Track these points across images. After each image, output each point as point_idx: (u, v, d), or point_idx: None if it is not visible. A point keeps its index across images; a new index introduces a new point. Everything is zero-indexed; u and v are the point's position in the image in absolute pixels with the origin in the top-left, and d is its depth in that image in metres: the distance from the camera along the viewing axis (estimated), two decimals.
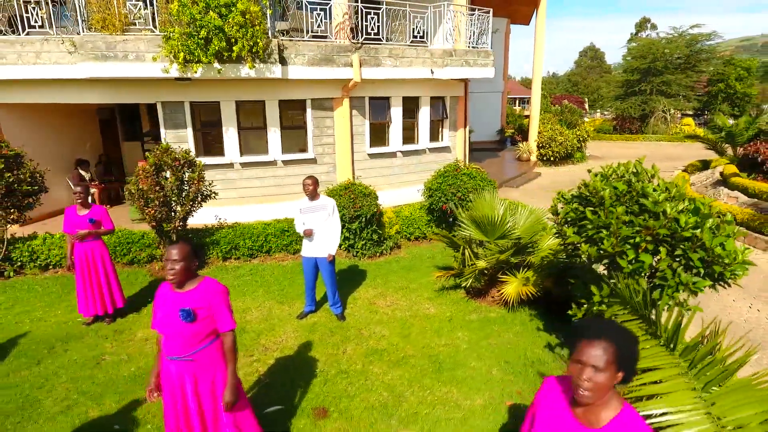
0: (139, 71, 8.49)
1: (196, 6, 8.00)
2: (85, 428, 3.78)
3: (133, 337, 5.32)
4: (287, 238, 7.99)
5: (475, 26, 11.57)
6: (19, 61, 8.59)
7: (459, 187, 8.02)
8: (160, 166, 6.81)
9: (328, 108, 10.53)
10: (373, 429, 3.69)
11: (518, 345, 4.94)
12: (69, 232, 5.44)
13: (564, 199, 4.13)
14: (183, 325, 2.68)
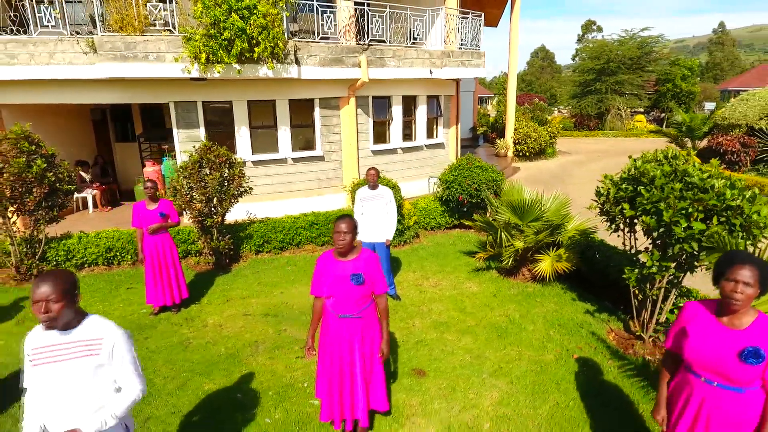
0: (159, 71, 8.63)
1: (219, 8, 8.24)
2: (210, 399, 4.12)
3: (205, 323, 5.61)
4: (315, 230, 8.38)
5: (468, 28, 12.29)
6: (32, 61, 8.53)
7: (474, 179, 8.66)
8: (201, 163, 7.05)
9: (335, 107, 10.94)
10: (469, 382, 4.25)
11: (562, 312, 5.62)
12: (139, 226, 5.66)
13: (612, 181, 4.82)
14: (353, 287, 3.14)
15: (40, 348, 2.20)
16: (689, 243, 4.04)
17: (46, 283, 2.11)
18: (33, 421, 2.23)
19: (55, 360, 2.18)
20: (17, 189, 6.51)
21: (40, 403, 2.22)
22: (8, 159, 6.40)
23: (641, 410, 3.82)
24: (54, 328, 2.16)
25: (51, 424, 2.22)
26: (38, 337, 2.22)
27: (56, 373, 2.17)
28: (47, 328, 2.17)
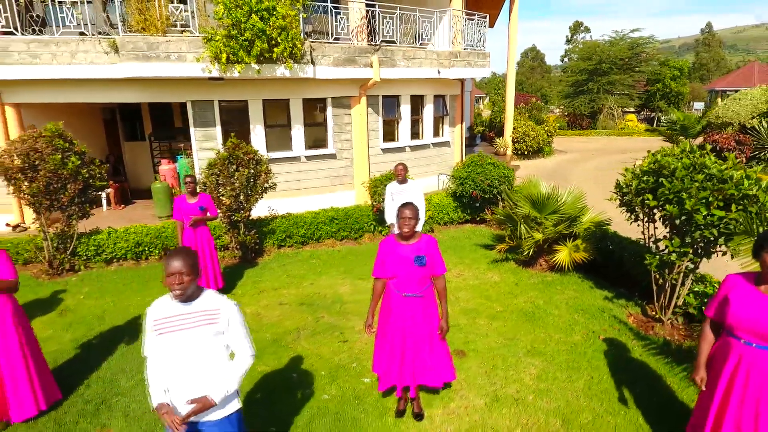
0: (180, 71, 8.83)
1: (240, 10, 8.47)
2: (265, 380, 4.38)
3: (244, 312, 5.85)
4: (335, 225, 8.64)
5: (474, 30, 12.63)
6: (54, 61, 8.68)
7: (486, 176, 8.99)
8: (230, 159, 7.28)
9: (347, 106, 11.21)
10: (507, 361, 4.56)
11: (582, 299, 5.97)
12: (179, 219, 5.89)
13: (634, 174, 5.16)
14: (416, 268, 3.43)
15: (166, 318, 2.45)
16: (709, 229, 4.39)
17: (178, 259, 2.37)
18: (158, 385, 2.49)
19: (180, 328, 2.44)
20: (53, 185, 6.69)
21: (164, 369, 2.48)
22: (44, 156, 6.58)
23: (669, 382, 4.16)
24: (183, 298, 2.43)
25: (175, 387, 2.48)
26: (163, 309, 2.48)
27: (181, 340, 2.43)
28: (177, 298, 2.43)
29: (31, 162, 6.54)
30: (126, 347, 5.06)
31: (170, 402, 2.47)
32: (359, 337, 5.14)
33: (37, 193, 6.63)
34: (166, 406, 2.42)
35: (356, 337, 5.16)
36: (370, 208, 9.15)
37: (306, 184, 11.07)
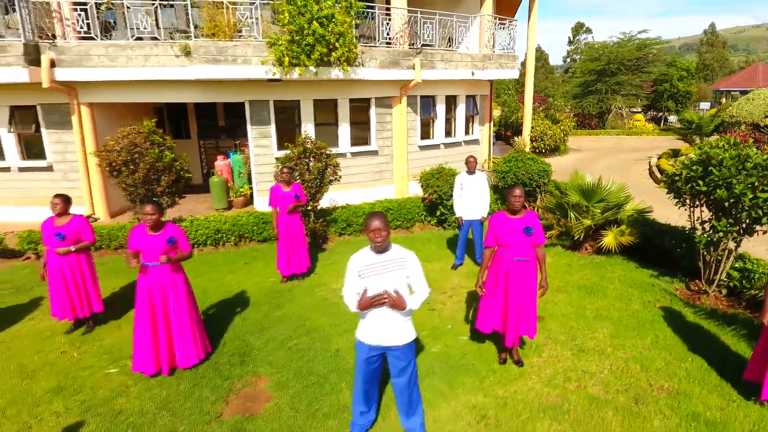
0: (246, 73, 9.57)
1: (303, 17, 9.21)
2: None
3: (332, 288, 6.62)
4: (390, 215, 9.39)
5: (505, 33, 13.39)
6: (129, 63, 9.42)
7: (527, 170, 9.73)
8: (305, 153, 8.02)
9: (388, 105, 11.95)
10: (580, 323, 5.31)
11: (631, 276, 6.72)
12: (275, 206, 6.63)
13: (684, 164, 5.91)
14: (525, 237, 4.18)
15: (368, 265, 3.21)
16: (755, 210, 5.14)
17: (378, 219, 3.13)
18: (354, 298, 3.22)
19: (379, 273, 3.19)
20: (150, 176, 7.43)
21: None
22: (143, 150, 7.32)
23: (722, 339, 4.91)
24: (381, 249, 3.18)
25: (373, 317, 3.23)
26: (364, 259, 3.23)
27: (379, 282, 3.18)
28: (376, 249, 3.18)
29: (132, 156, 7.28)
30: (241, 315, 5.81)
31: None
32: (443, 307, 5.89)
33: (137, 184, 7.37)
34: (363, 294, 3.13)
35: (440, 306, 5.92)
36: (419, 200, 9.89)
37: (350, 178, 11.79)
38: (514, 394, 4.10)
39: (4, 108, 10.08)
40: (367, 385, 3.46)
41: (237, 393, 4.30)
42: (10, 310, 6.14)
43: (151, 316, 4.41)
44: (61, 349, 5.16)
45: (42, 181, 10.41)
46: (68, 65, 9.23)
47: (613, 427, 3.66)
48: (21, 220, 10.17)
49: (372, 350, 3.31)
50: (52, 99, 9.81)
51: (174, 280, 4.48)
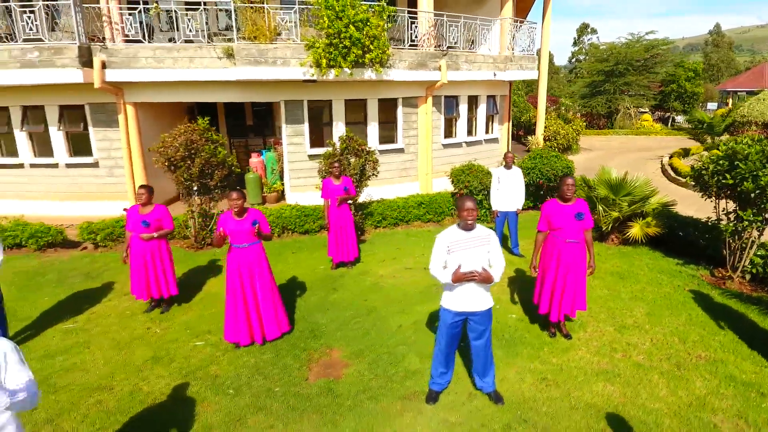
0: (285, 74, 10.09)
1: (340, 21, 9.72)
2: (433, 316, 5.63)
3: (380, 275, 7.12)
4: (422, 209, 9.90)
5: (526, 35, 13.88)
6: (175, 65, 9.94)
7: (552, 166, 10.22)
8: (347, 150, 8.53)
9: (414, 105, 12.45)
10: (617, 303, 5.81)
11: (659, 264, 7.20)
12: (327, 198, 7.14)
13: (710, 159, 6.40)
14: (576, 222, 4.68)
15: (456, 241, 3.70)
16: None
17: (470, 200, 3.63)
18: (442, 271, 3.72)
19: (466, 248, 3.69)
20: (205, 171, 7.95)
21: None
22: (199, 146, 7.84)
23: (750, 317, 5.40)
24: (471, 227, 3.68)
25: (461, 288, 3.72)
26: (453, 235, 3.73)
27: (466, 256, 3.68)
28: (467, 228, 3.68)
29: (189, 152, 7.79)
30: (302, 298, 6.32)
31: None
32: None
33: (193, 178, 7.89)
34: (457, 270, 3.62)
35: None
36: (449, 195, 10.39)
37: (379, 175, 12.28)
38: (567, 362, 4.59)
39: (54, 107, 10.61)
40: (449, 348, 3.95)
41: (316, 362, 4.80)
42: (86, 294, 6.66)
43: (241, 293, 4.92)
44: (146, 325, 5.67)
45: (88, 176, 10.95)
46: (117, 66, 9.76)
47: (660, 387, 4.15)
48: (67, 214, 10.70)
49: (456, 316, 3.81)
50: (99, 99, 10.34)
51: (260, 260, 4.99)
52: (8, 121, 10.78)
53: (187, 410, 4.06)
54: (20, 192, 11.08)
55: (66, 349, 5.15)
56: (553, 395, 4.08)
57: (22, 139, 10.81)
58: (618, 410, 3.86)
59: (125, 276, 7.24)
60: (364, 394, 4.20)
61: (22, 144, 10.85)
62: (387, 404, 4.05)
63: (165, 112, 12.43)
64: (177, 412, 4.04)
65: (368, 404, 4.05)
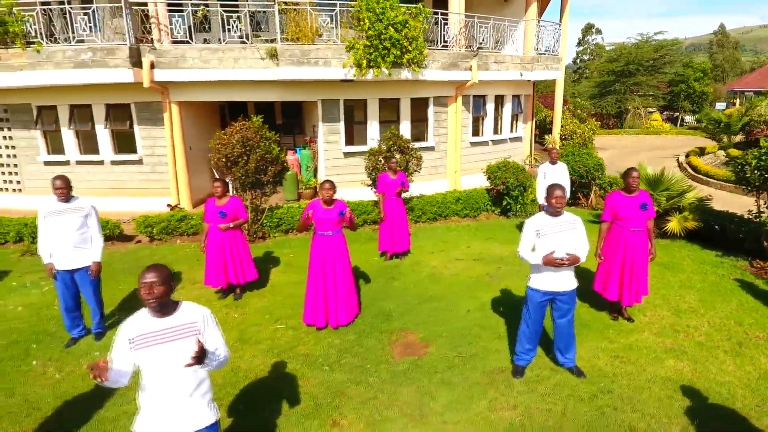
0: (325, 74, 10.43)
1: (381, 23, 10.06)
2: (493, 303, 5.97)
3: (432, 265, 7.46)
4: (460, 204, 10.24)
5: (551, 36, 14.21)
6: (220, 65, 10.28)
7: (584, 163, 10.55)
8: (393, 147, 8.87)
9: (444, 104, 12.78)
10: (668, 291, 6.14)
11: (699, 256, 7.54)
12: (383, 191, 7.47)
13: (753, 155, 6.74)
14: (641, 212, 5.01)
15: (546, 225, 4.04)
16: None
17: (561, 189, 3.97)
18: (531, 253, 4.05)
19: (555, 232, 4.02)
20: (260, 167, 8.29)
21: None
22: (255, 144, 8.18)
23: None
24: (559, 213, 4.01)
25: (548, 268, 4.06)
26: (542, 221, 4.07)
27: (555, 239, 4.01)
28: (554, 214, 4.01)
29: (245, 149, 8.14)
30: (366, 287, 6.65)
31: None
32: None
33: (249, 174, 8.23)
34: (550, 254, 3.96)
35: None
36: (484, 191, 10.73)
37: None
38: (634, 342, 4.93)
39: (101, 106, 10.97)
40: (536, 325, 4.29)
41: (395, 343, 5.14)
42: None
43: (323, 278, 5.26)
44: (224, 311, 6.02)
45: (132, 173, 11.30)
46: (165, 67, 10.11)
47: (727, 363, 4.49)
48: (110, 209, 11.02)
49: (545, 295, 4.15)
50: (145, 98, 10.69)
51: (342, 248, 5.34)
52: (56, 119, 11.14)
53: (290, 384, 4.40)
54: None
55: None
56: (629, 370, 4.41)
57: (69, 137, 11.17)
58: (692, 383, 4.19)
59: (188, 266, 7.63)
60: (450, 370, 4.54)
61: (68, 141, 11.21)
62: (475, 378, 4.39)
63: (200, 110, 12.78)
64: (281, 386, 4.38)
65: (457, 378, 4.39)
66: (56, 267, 5.02)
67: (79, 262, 5.07)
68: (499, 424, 3.76)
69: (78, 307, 5.28)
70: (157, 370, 2.50)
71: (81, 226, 5.07)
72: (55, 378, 4.62)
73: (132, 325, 2.53)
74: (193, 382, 2.57)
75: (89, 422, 3.95)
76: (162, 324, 2.52)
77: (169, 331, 2.52)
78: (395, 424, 3.80)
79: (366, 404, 4.08)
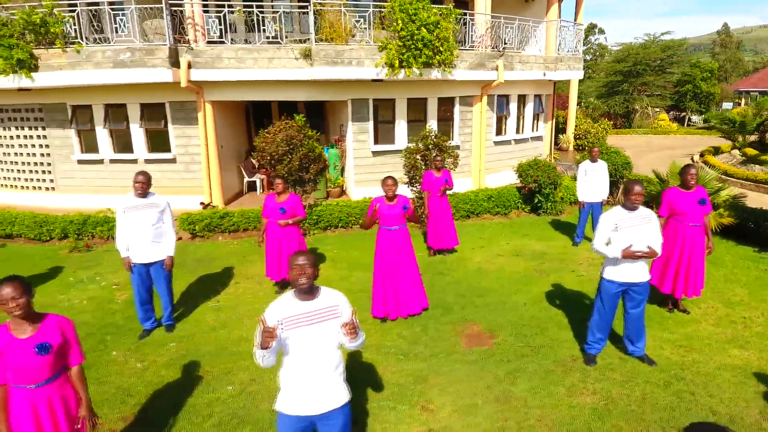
0: (358, 74, 10.59)
1: (413, 24, 10.23)
2: (546, 295, 6.14)
3: (476, 261, 7.62)
4: (491, 202, 10.41)
5: (573, 37, 14.40)
6: (255, 65, 10.43)
7: (612, 162, 10.72)
8: (431, 146, 9.04)
9: (470, 104, 12.95)
10: (715, 284, 6.31)
11: (736, 251, 7.72)
12: (427, 189, 7.64)
13: None
14: (699, 207, 5.19)
15: (624, 219, 4.20)
16: None
17: (640, 185, 4.13)
18: (606, 247, 4.22)
19: (634, 225, 4.18)
20: (303, 165, 8.46)
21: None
22: (298, 142, 8.34)
23: None
24: (637, 208, 4.18)
25: (624, 261, 4.23)
26: (620, 214, 4.23)
27: (634, 232, 4.17)
28: (633, 209, 4.17)
29: (289, 147, 8.30)
30: None
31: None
32: (586, 273, 6.90)
33: (293, 172, 8.39)
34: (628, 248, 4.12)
35: (583, 273, 6.92)
36: (515, 189, 10.90)
37: None
38: (694, 332, 5.11)
39: (135, 105, 11.12)
40: (609, 316, 4.46)
41: (460, 334, 5.31)
42: (211, 278, 7.16)
43: (389, 271, 5.43)
44: None
45: (166, 172, 11.44)
46: (201, 66, 10.26)
47: None
48: None
49: (620, 286, 4.32)
50: (180, 97, 10.84)
51: (407, 242, 5.50)
52: (91, 118, 11.29)
53: (370, 372, 4.57)
54: (98, 187, 11.58)
55: (224, 324, 5.66)
56: (695, 359, 4.58)
57: (104, 135, 11.32)
58: (761, 370, 4.37)
59: (236, 261, 7.80)
60: (523, 359, 4.71)
61: (102, 140, 11.36)
62: (549, 366, 4.56)
63: (228, 110, 12.94)
64: (362, 374, 4.54)
65: (532, 366, 4.56)
66: (133, 260, 5.18)
67: (154, 255, 5.24)
68: (583, 408, 3.93)
69: (151, 300, 5.44)
70: (305, 350, 2.67)
71: (157, 221, 5.24)
72: (138, 367, 4.78)
73: (279, 307, 2.70)
74: (335, 361, 2.74)
75: (183, 409, 4.11)
76: (308, 307, 2.69)
77: (315, 314, 2.69)
78: (482, 410, 3.97)
79: (448, 390, 4.25)
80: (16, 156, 11.89)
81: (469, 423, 3.80)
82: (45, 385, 2.73)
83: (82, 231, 8.87)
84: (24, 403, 2.69)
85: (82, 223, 8.82)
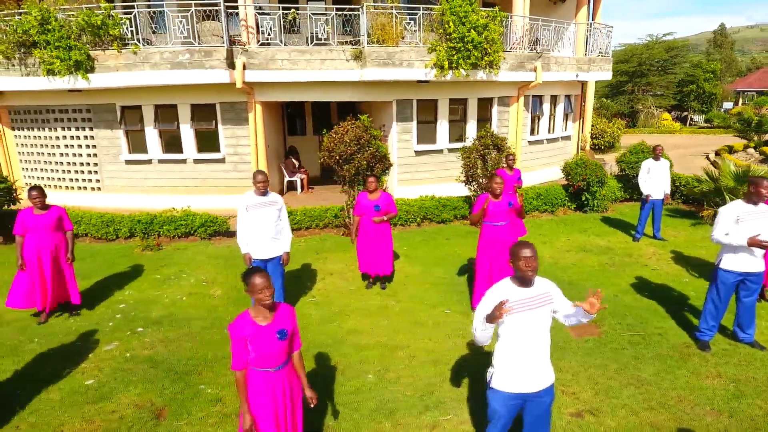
0: (408, 75, 10.82)
1: (464, 26, 10.48)
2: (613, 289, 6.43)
3: (544, 255, 7.88)
4: (540, 200, 10.69)
5: (604, 38, 14.75)
6: (308, 67, 10.62)
7: None
8: (488, 144, 9.30)
9: (507, 104, 13.23)
10: None
11: None
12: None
13: None
14: None
15: (747, 212, 4.47)
16: None
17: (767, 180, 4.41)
18: (725, 237, 4.50)
19: (756, 218, 4.46)
20: (370, 164, 8.66)
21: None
22: (365, 142, 8.55)
23: None
24: (759, 202, 4.45)
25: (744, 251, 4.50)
26: (742, 208, 4.50)
27: (757, 225, 4.45)
28: (757, 202, 4.45)
29: (358, 146, 8.50)
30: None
31: None
32: (658, 267, 7.20)
33: (360, 171, 8.60)
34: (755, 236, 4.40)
35: (656, 267, 7.21)
36: (560, 186, 11.20)
37: None
38: None
39: (186, 106, 11.25)
40: (724, 304, 4.74)
41: None
42: (294, 275, 7.33)
43: (493, 264, 5.67)
44: (378, 299, 6.39)
45: (215, 171, 11.60)
46: (255, 68, 10.43)
47: None
48: (193, 207, 11.29)
49: (738, 276, 4.60)
50: (230, 98, 11.00)
51: (512, 236, 5.75)
52: (140, 119, 11.40)
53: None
54: (145, 187, 11.70)
55: (330, 319, 5.86)
56: None
57: (153, 136, 11.43)
58: None
59: (311, 259, 8.00)
60: (636, 347, 4.98)
61: (151, 141, 11.47)
62: (666, 352, 4.83)
63: (271, 110, 13.11)
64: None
65: (649, 353, 4.83)
66: (253, 256, 5.36)
67: (274, 251, 5.43)
68: (716, 389, 4.20)
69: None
70: (525, 332, 2.90)
71: (277, 219, 5.43)
72: None
73: (500, 293, 2.93)
74: (547, 343, 2.98)
75: (335, 393, 4.31)
76: (526, 293, 2.93)
77: (535, 299, 2.93)
78: (622, 392, 4.22)
79: (581, 376, 4.49)
80: (61, 156, 11.95)
81: (616, 404, 4.05)
82: (283, 367, 2.94)
83: (149, 230, 8.99)
84: (265, 384, 2.90)
85: (149, 223, 8.95)
